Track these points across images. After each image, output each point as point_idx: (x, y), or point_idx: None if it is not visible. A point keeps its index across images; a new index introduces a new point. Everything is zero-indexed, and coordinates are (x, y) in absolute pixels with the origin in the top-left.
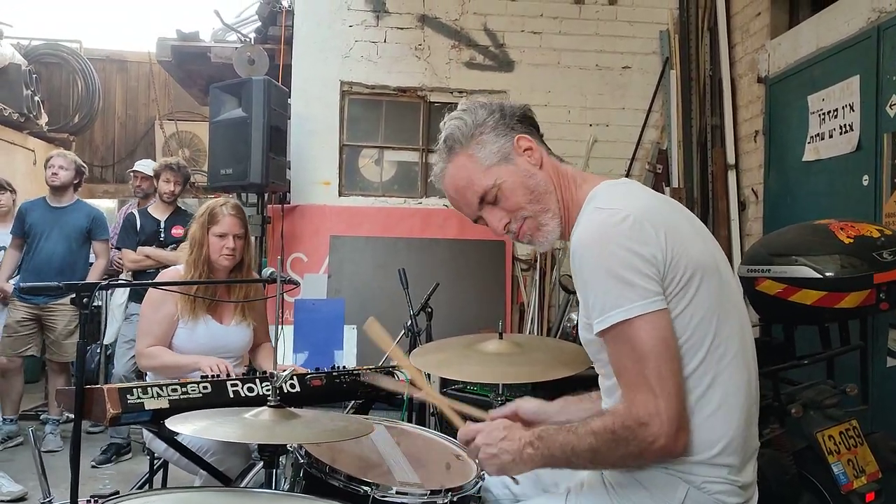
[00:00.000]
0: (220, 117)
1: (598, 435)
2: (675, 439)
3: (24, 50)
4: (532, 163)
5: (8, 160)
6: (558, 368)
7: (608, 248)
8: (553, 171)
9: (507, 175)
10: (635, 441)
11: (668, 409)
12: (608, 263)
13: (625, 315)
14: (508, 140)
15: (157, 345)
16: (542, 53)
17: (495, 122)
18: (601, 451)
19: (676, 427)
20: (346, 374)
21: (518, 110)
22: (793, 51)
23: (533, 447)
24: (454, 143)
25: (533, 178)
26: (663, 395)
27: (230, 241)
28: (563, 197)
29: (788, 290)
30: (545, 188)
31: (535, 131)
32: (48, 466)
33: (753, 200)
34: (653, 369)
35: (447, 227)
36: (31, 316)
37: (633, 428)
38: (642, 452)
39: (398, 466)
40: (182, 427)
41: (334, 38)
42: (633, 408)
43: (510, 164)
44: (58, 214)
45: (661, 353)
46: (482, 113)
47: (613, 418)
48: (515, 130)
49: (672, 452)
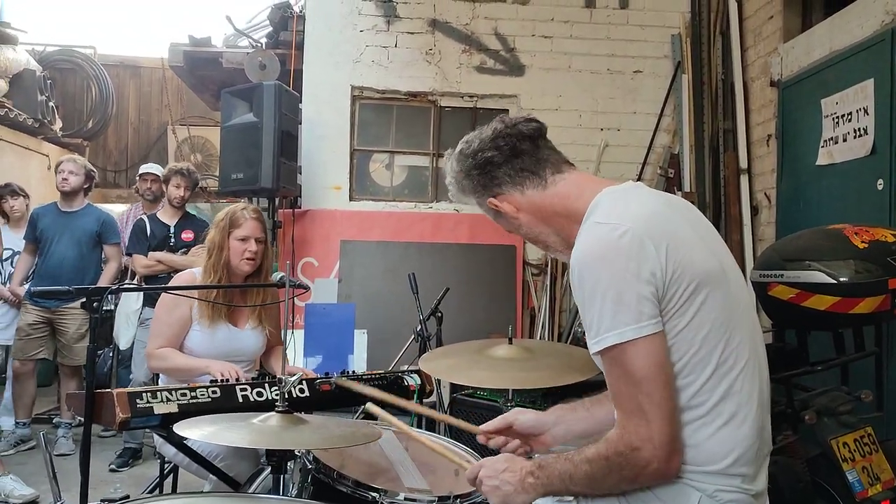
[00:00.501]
0: (232, 122)
1: (593, 462)
2: (667, 462)
3: (38, 56)
4: (512, 216)
5: (23, 165)
6: (569, 374)
7: (605, 268)
8: (534, 211)
9: (505, 226)
10: (629, 466)
11: (660, 435)
12: (605, 283)
13: (618, 339)
14: (485, 201)
15: (168, 347)
16: (552, 58)
17: (471, 188)
18: (597, 477)
19: (669, 451)
20: (355, 379)
21: (479, 169)
22: (806, 54)
23: (534, 476)
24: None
25: (520, 228)
26: (656, 420)
27: (252, 245)
28: (557, 225)
29: (801, 296)
30: (536, 231)
31: (519, 161)
32: (60, 470)
33: (766, 205)
34: (646, 394)
35: (458, 232)
36: (42, 319)
37: (625, 454)
38: (636, 477)
39: (407, 472)
40: (190, 432)
41: (345, 43)
42: (625, 434)
43: (500, 218)
44: (69, 219)
45: (654, 377)
46: (460, 182)
47: (607, 445)
48: (487, 189)
49: (665, 475)
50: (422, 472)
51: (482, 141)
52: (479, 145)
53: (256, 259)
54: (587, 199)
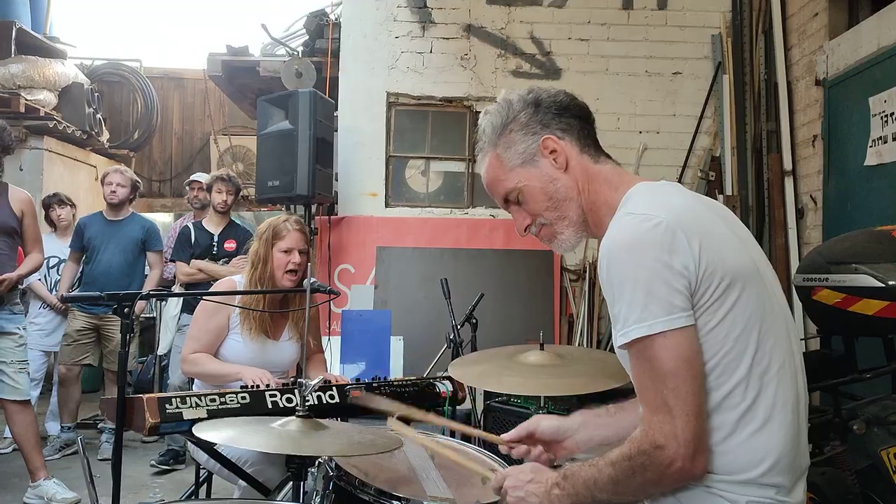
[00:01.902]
0: (268, 130)
1: (616, 464)
2: (692, 461)
3: (86, 69)
4: (556, 166)
5: (72, 176)
6: (601, 381)
7: (636, 258)
8: (581, 174)
9: (528, 178)
10: (652, 466)
11: (684, 431)
12: (635, 274)
13: (646, 331)
14: (535, 141)
15: (203, 352)
16: (590, 60)
17: (527, 119)
18: (621, 480)
19: (693, 449)
20: (385, 386)
21: (556, 103)
22: (853, 51)
23: (560, 487)
24: (486, 140)
25: (554, 183)
26: (681, 416)
27: (295, 256)
28: (588, 201)
29: (848, 300)
30: (565, 195)
31: (577, 122)
32: (103, 474)
33: (812, 207)
34: (672, 389)
35: (494, 238)
36: (89, 326)
37: (648, 452)
38: (660, 478)
39: (430, 480)
40: (209, 435)
41: (380, 50)
42: (649, 431)
43: (534, 166)
44: (114, 228)
45: (681, 372)
46: (515, 108)
47: (630, 444)
48: (548, 128)
49: (690, 475)
50: (446, 480)
51: (560, 90)
52: (558, 91)
53: (299, 272)
54: (622, 191)
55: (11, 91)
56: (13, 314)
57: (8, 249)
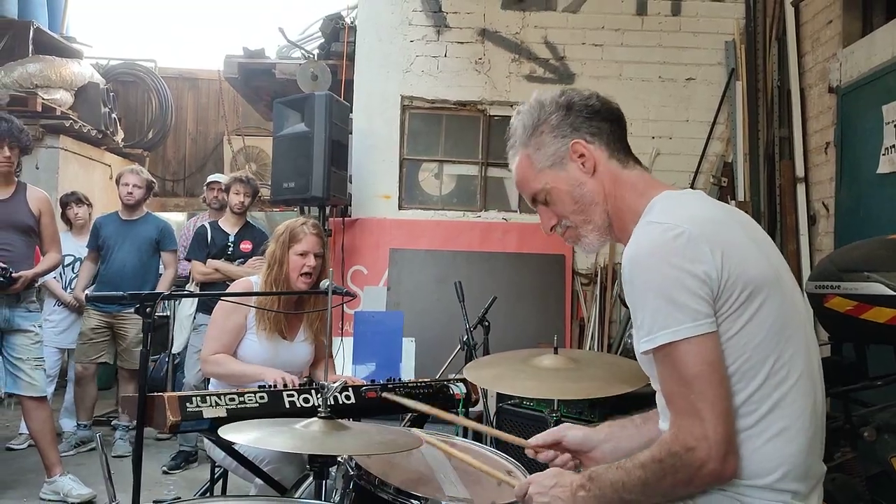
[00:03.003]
0: (284, 132)
1: (646, 467)
2: (723, 462)
3: (102, 69)
4: (584, 171)
5: (87, 175)
6: (615, 385)
7: (659, 266)
8: (609, 179)
9: (556, 181)
10: (683, 468)
11: (715, 433)
12: (658, 282)
13: (672, 337)
14: (565, 144)
15: (223, 352)
16: (603, 66)
17: (558, 121)
18: (650, 482)
19: (725, 451)
20: (400, 387)
21: (587, 107)
22: (866, 59)
23: (585, 489)
24: (517, 139)
25: (581, 187)
26: (710, 418)
27: (311, 260)
28: (614, 207)
29: (860, 308)
30: (591, 199)
31: (608, 126)
32: (116, 471)
33: (824, 214)
34: (699, 393)
35: (506, 241)
36: (104, 324)
37: (679, 454)
38: (691, 479)
39: (448, 481)
40: (234, 436)
41: (395, 54)
42: (679, 434)
43: (562, 169)
44: (129, 227)
45: (707, 376)
46: (547, 110)
47: (660, 447)
48: (578, 131)
49: (722, 477)
50: (463, 481)
51: (592, 92)
52: (590, 94)
53: (313, 275)
54: (648, 198)
55: (29, 90)
56: (29, 312)
57: (25, 248)
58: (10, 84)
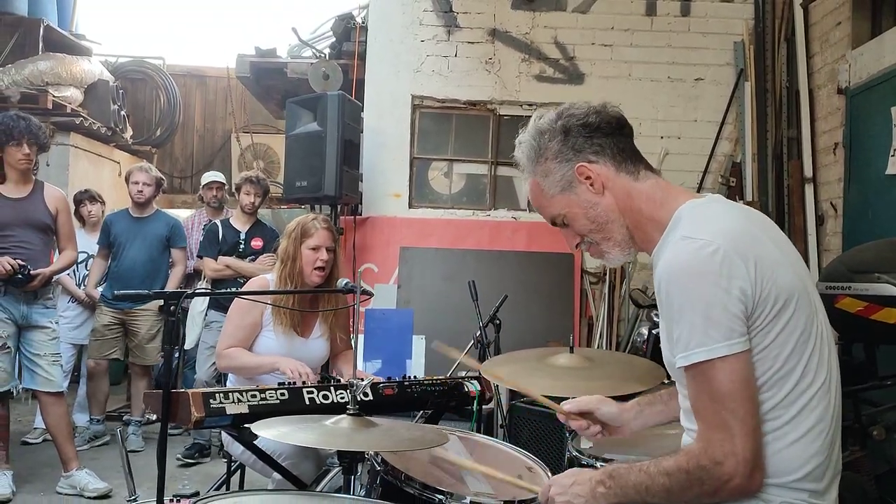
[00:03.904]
0: (296, 131)
1: (672, 475)
2: (749, 479)
3: (111, 67)
4: (594, 191)
5: (96, 172)
6: (630, 383)
7: (697, 284)
8: (622, 195)
9: (569, 205)
10: (710, 480)
11: (744, 450)
12: (695, 299)
13: (708, 355)
14: (570, 168)
15: (237, 347)
16: (613, 66)
17: (559, 147)
18: (675, 490)
19: (752, 467)
20: (416, 384)
21: (585, 126)
22: (876, 60)
23: (605, 486)
24: (523, 168)
25: (594, 208)
26: (740, 435)
27: (323, 254)
28: (633, 220)
29: (870, 309)
30: (606, 218)
31: (610, 141)
32: (132, 466)
33: (832, 215)
34: (731, 410)
35: (516, 240)
36: (116, 321)
37: (708, 468)
38: (717, 491)
39: (471, 477)
40: (266, 432)
41: (406, 53)
42: (709, 448)
43: (572, 193)
44: (140, 225)
45: (739, 393)
46: (545, 139)
47: (688, 458)
48: (581, 153)
49: (747, 492)
50: (486, 477)
51: (589, 107)
52: (586, 110)
53: (326, 269)
54: (670, 207)
55: (39, 88)
56: (46, 308)
57: (43, 246)
58: (20, 81)
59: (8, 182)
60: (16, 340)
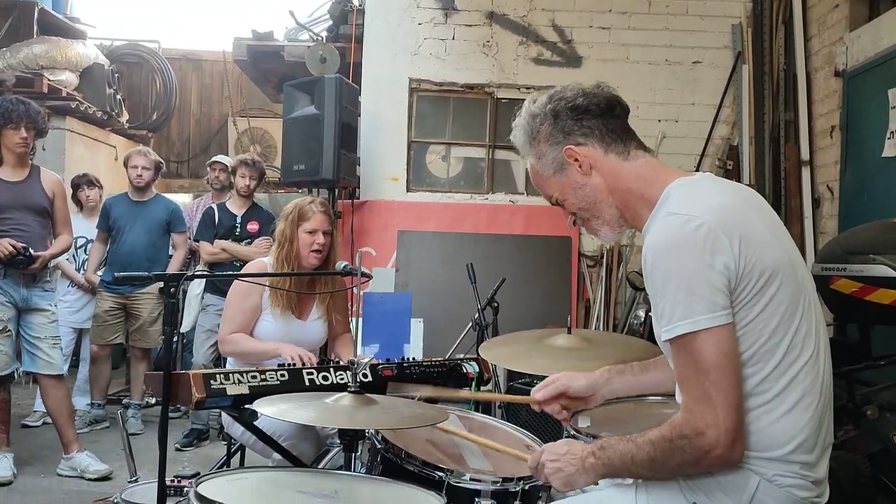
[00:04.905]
0: (294, 114)
1: (656, 444)
2: (730, 449)
3: (106, 50)
4: (582, 173)
5: (92, 156)
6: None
7: (680, 259)
8: (610, 175)
9: (562, 186)
10: (692, 450)
11: (725, 421)
12: (679, 274)
13: (691, 327)
14: (559, 151)
15: (239, 332)
16: (610, 49)
17: (549, 130)
18: (659, 459)
19: (733, 438)
20: (415, 366)
21: (574, 109)
22: (873, 43)
23: (595, 457)
24: (521, 150)
25: (582, 188)
26: (722, 407)
27: (320, 237)
28: (621, 199)
29: (865, 290)
30: (594, 198)
31: (598, 122)
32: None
33: (828, 197)
34: (713, 382)
35: (513, 223)
36: (117, 305)
37: (690, 437)
38: (698, 461)
39: (471, 454)
40: (267, 409)
41: (404, 37)
42: (691, 418)
43: (563, 174)
44: (139, 209)
45: (722, 366)
46: (537, 122)
47: (672, 428)
48: (570, 135)
49: (728, 462)
50: (486, 452)
51: (579, 90)
52: (575, 93)
53: (323, 252)
54: (660, 186)
55: (35, 71)
56: (45, 291)
57: (41, 229)
58: (15, 65)
59: (5, 165)
60: (16, 324)
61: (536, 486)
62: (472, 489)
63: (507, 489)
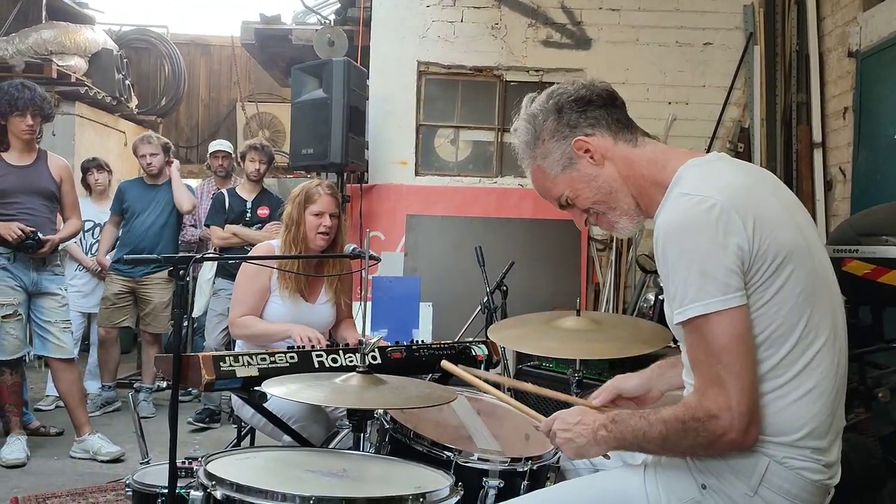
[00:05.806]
0: (302, 98)
1: (669, 424)
2: (744, 434)
3: (115, 35)
4: (594, 164)
5: (101, 141)
6: (636, 346)
7: (692, 239)
8: (622, 163)
9: (572, 182)
10: (704, 433)
11: (739, 405)
12: (691, 255)
13: (703, 310)
14: (567, 144)
15: (250, 314)
16: (620, 31)
17: (554, 126)
18: (671, 439)
19: (747, 422)
20: (424, 348)
21: (577, 101)
22: (887, 23)
23: (606, 429)
24: (524, 154)
25: (596, 180)
26: (735, 390)
27: (327, 220)
28: (636, 187)
29: (878, 271)
30: (610, 187)
31: (603, 112)
32: (144, 430)
33: (841, 179)
34: (726, 364)
35: (522, 207)
36: (127, 289)
37: (703, 420)
38: (711, 444)
39: (479, 434)
40: (276, 389)
41: (412, 19)
42: (704, 401)
43: (574, 170)
44: (153, 192)
45: (735, 348)
46: (539, 120)
47: (685, 409)
48: (576, 129)
49: (741, 446)
50: (493, 433)
51: (578, 83)
52: (577, 86)
53: (330, 234)
54: (672, 168)
55: (44, 57)
56: (55, 275)
57: (49, 213)
58: (24, 51)
59: (12, 150)
60: (27, 308)
61: (544, 466)
62: (480, 469)
63: (514, 469)
